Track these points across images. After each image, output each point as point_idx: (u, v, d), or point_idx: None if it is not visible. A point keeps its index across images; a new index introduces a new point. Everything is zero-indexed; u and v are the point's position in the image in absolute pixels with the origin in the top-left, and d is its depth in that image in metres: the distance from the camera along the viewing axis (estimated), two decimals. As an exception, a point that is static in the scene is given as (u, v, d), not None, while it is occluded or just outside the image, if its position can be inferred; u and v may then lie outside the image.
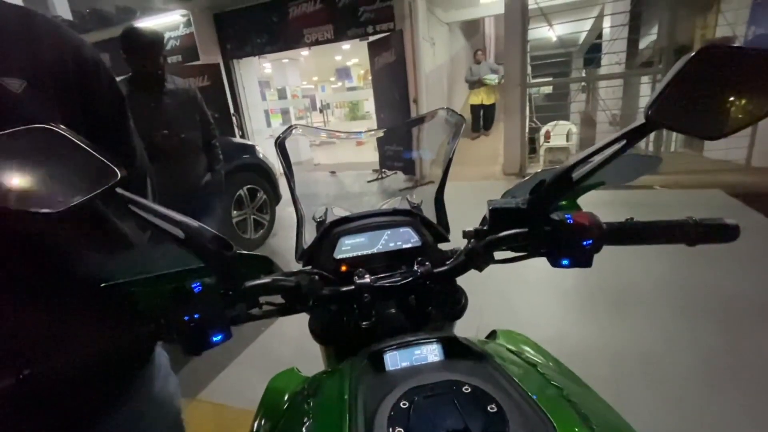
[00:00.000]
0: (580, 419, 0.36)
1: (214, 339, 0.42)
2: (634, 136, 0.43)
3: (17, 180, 0.35)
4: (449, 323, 0.66)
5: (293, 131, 0.66)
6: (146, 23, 6.30)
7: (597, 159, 0.46)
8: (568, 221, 0.48)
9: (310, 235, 0.70)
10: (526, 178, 0.61)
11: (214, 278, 0.44)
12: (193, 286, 0.42)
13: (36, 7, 0.62)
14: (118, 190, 0.39)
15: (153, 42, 1.98)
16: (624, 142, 0.44)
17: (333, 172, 6.90)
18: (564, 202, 0.57)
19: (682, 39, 5.11)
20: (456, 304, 0.62)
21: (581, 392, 0.42)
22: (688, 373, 1.68)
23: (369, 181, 5.93)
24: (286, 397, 0.52)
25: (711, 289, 2.27)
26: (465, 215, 0.71)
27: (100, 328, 0.42)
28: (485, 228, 0.55)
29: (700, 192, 4.05)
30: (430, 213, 0.73)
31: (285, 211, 4.81)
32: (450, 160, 0.66)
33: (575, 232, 0.48)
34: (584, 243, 0.48)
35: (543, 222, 0.50)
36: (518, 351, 0.53)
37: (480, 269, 0.55)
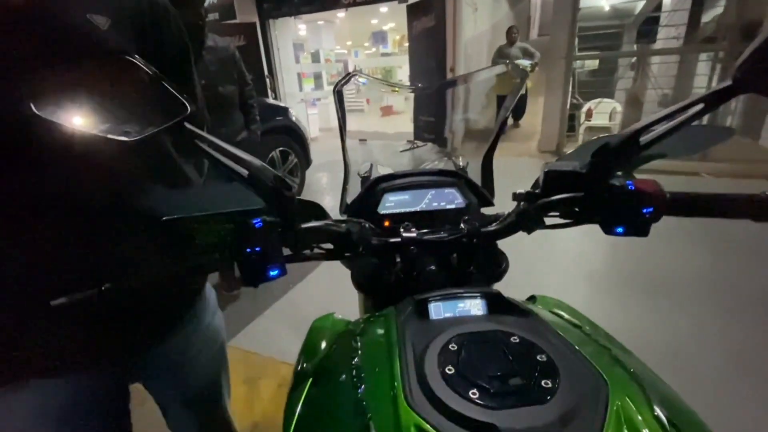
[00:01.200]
0: (630, 377, 0.36)
1: (272, 273, 0.44)
2: (716, 99, 0.40)
3: (98, 107, 0.37)
4: (488, 286, 0.67)
5: (352, 79, 0.66)
6: (185, -22, 6.26)
7: (668, 124, 0.44)
8: (630, 187, 0.47)
9: (353, 189, 0.71)
10: (583, 143, 0.59)
11: (273, 217, 0.46)
12: (254, 221, 0.44)
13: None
14: (187, 124, 0.41)
15: None
16: (701, 106, 0.41)
17: (363, 140, 6.84)
18: (619, 173, 0.55)
19: (752, 14, 4.63)
20: (498, 267, 0.63)
21: (627, 355, 0.42)
22: (717, 365, 1.64)
23: (401, 151, 5.86)
24: (330, 337, 0.54)
25: (753, 285, 2.17)
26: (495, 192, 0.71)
27: (166, 255, 0.45)
28: (537, 191, 0.54)
29: (752, 182, 3.78)
30: (474, 177, 0.73)
31: (314, 176, 4.85)
32: (505, 120, 0.65)
33: (636, 198, 0.46)
34: (644, 211, 0.46)
35: (601, 187, 0.48)
36: (560, 314, 0.53)
37: (529, 232, 0.55)
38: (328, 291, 2.27)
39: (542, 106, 5.36)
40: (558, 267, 2.45)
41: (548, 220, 0.57)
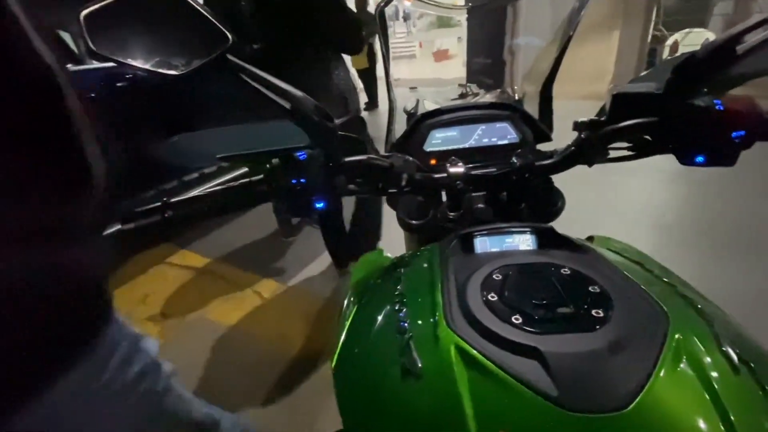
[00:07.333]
0: (696, 312, 0.33)
1: (317, 205, 0.45)
2: None
3: (146, 42, 0.38)
4: None
5: None
6: None
7: None
8: (718, 107, 0.40)
9: (399, 127, 0.69)
10: (660, 63, 0.51)
11: (317, 151, 0.46)
12: (298, 154, 0.44)
13: None
14: (230, 56, 0.41)
15: None
16: None
17: (413, 88, 6.58)
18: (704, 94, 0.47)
19: None
20: (552, 206, 0.59)
21: (695, 294, 0.38)
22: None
23: (453, 99, 5.58)
24: (376, 270, 0.55)
25: None
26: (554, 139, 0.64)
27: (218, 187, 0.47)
28: (602, 119, 0.48)
29: None
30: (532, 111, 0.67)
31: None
32: (568, 41, 0.57)
33: (724, 121, 0.40)
34: (733, 135, 0.40)
35: (681, 109, 0.42)
36: (620, 253, 0.50)
37: (590, 164, 0.50)
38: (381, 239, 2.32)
39: (617, 41, 4.73)
40: (623, 217, 2.28)
41: (613, 154, 0.52)
